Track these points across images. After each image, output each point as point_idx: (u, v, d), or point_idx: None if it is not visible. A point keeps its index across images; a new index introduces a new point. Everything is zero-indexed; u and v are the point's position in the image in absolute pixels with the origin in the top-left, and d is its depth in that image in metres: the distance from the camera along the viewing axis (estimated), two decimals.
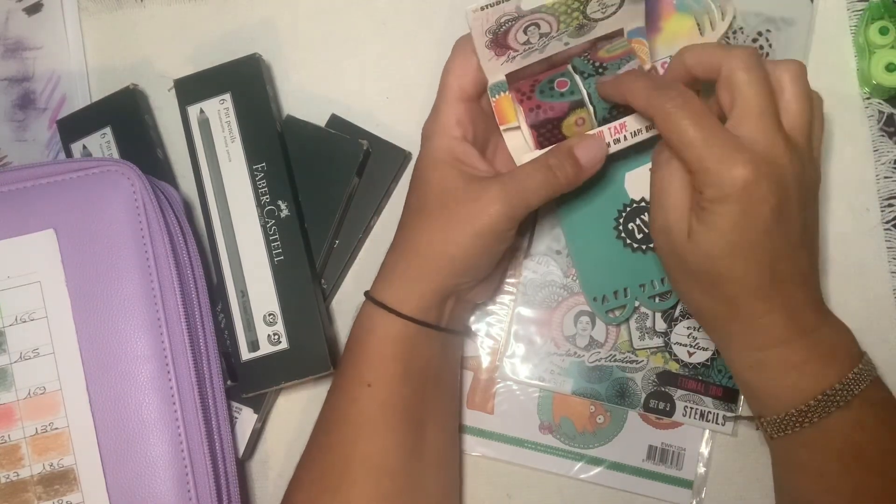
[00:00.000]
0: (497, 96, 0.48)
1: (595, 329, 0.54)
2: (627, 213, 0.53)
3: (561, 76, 0.47)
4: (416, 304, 0.47)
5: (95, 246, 0.48)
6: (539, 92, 0.47)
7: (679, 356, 0.54)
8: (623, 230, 0.53)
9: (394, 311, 0.47)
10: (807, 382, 0.43)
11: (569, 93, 0.47)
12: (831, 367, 0.43)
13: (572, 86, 0.47)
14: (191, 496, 0.47)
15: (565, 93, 0.47)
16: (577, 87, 0.46)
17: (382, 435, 0.47)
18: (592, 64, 0.47)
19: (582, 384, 0.54)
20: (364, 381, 0.47)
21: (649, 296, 0.53)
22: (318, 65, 0.58)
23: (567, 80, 0.47)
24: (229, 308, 0.52)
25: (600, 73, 0.46)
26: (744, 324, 0.43)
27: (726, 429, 0.53)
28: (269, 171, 0.53)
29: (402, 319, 0.47)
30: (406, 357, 0.47)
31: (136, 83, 0.56)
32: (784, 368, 0.43)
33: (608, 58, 0.47)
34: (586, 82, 0.46)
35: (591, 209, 0.54)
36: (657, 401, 0.54)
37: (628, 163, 0.53)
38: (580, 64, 0.47)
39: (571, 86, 0.47)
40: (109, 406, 0.47)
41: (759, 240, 0.41)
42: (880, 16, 0.53)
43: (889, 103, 0.55)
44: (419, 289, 0.47)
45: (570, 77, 0.47)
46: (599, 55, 0.47)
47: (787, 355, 0.43)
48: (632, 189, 0.54)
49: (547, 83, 0.47)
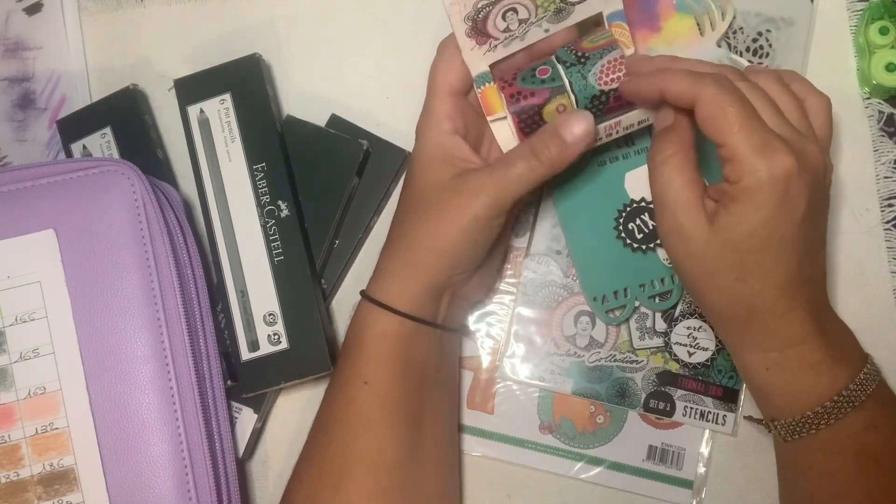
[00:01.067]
0: (482, 87, 0.48)
1: (595, 329, 0.54)
2: (627, 213, 0.53)
3: (543, 64, 0.47)
4: (411, 300, 0.47)
5: (95, 246, 0.48)
6: (521, 79, 0.47)
7: (679, 356, 0.54)
8: (623, 230, 0.53)
9: (389, 308, 0.47)
10: (823, 384, 0.43)
11: (550, 80, 0.47)
12: (845, 368, 0.43)
13: (553, 73, 0.47)
14: (191, 496, 0.47)
15: (546, 80, 0.47)
16: (558, 75, 0.47)
17: (380, 432, 0.47)
18: (575, 54, 0.47)
19: (582, 384, 0.54)
20: (361, 379, 0.47)
21: (649, 296, 0.53)
22: (318, 65, 0.58)
23: (549, 67, 0.47)
24: (229, 308, 0.52)
25: (582, 62, 0.46)
26: (763, 323, 0.42)
27: (726, 428, 0.53)
28: (269, 171, 0.53)
29: (398, 316, 0.47)
30: (403, 354, 0.47)
31: (136, 83, 0.56)
32: (800, 369, 0.43)
33: (591, 48, 0.47)
34: (568, 71, 0.46)
35: (591, 209, 0.54)
36: (657, 401, 0.53)
37: (628, 163, 0.53)
38: (563, 54, 0.47)
39: (553, 73, 0.47)
40: (109, 406, 0.47)
41: (792, 233, 0.40)
42: (880, 16, 0.53)
43: (889, 103, 0.55)
44: (413, 285, 0.47)
45: (552, 65, 0.47)
46: (582, 45, 0.47)
47: (805, 355, 0.42)
48: (632, 189, 0.54)
49: (529, 71, 0.47)
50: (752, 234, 0.40)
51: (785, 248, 0.40)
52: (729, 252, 0.41)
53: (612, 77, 0.46)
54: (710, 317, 0.45)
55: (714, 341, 0.54)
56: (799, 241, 0.41)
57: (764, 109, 0.41)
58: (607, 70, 0.46)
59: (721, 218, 0.41)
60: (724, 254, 0.41)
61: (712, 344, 0.54)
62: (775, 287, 0.41)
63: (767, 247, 0.40)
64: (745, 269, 0.41)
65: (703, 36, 0.54)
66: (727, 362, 0.53)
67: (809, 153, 0.41)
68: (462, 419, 0.55)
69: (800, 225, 0.40)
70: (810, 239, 0.41)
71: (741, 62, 0.54)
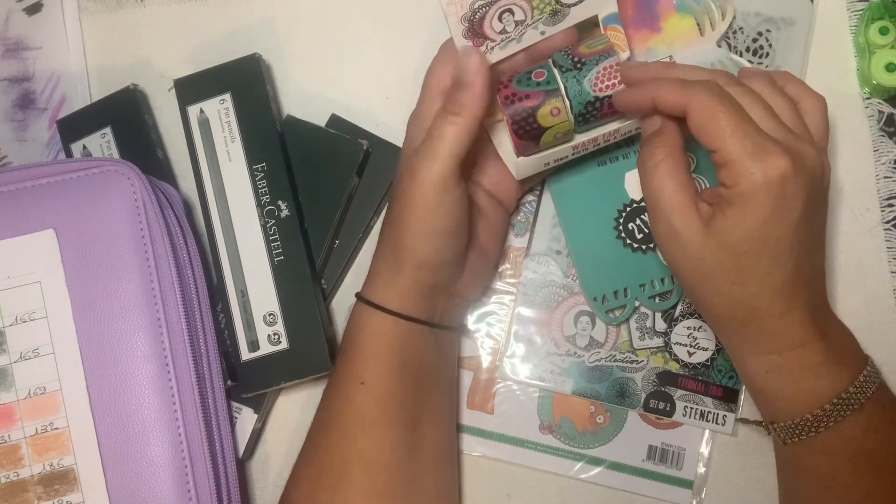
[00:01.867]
0: None
1: (595, 329, 0.54)
2: (627, 213, 0.53)
3: (539, 67, 0.48)
4: (403, 299, 0.47)
5: (95, 246, 0.48)
6: (517, 82, 0.47)
7: (679, 356, 0.54)
8: (623, 230, 0.53)
9: (381, 308, 0.47)
10: (823, 386, 0.42)
11: (545, 83, 0.47)
12: (845, 370, 0.43)
13: (549, 76, 0.47)
14: (191, 496, 0.47)
15: (541, 82, 0.47)
16: (553, 78, 0.47)
17: (378, 432, 0.47)
18: (572, 59, 0.47)
19: (582, 384, 0.54)
20: (358, 379, 0.47)
21: (649, 296, 0.53)
22: (318, 65, 0.58)
23: (545, 70, 0.47)
24: (229, 308, 0.52)
25: (578, 68, 0.46)
26: (761, 325, 0.42)
27: (726, 429, 0.53)
28: (269, 171, 0.53)
29: (391, 316, 0.47)
30: (398, 354, 0.48)
31: (136, 83, 0.56)
32: (800, 371, 0.43)
33: (588, 53, 0.47)
34: (564, 76, 0.47)
35: (591, 209, 0.54)
36: (657, 401, 0.53)
37: (628, 163, 0.53)
38: (559, 58, 0.47)
39: (548, 76, 0.47)
40: (109, 406, 0.47)
41: (788, 235, 0.40)
42: (880, 16, 0.53)
43: (889, 103, 0.55)
44: (399, 284, 0.47)
45: (547, 69, 0.47)
46: (579, 51, 0.47)
47: (804, 358, 0.42)
48: (632, 189, 0.54)
49: (525, 74, 0.48)
50: (748, 237, 0.40)
51: (782, 251, 0.40)
52: (725, 255, 0.41)
53: (608, 84, 0.46)
54: (709, 319, 0.45)
55: (714, 341, 0.54)
56: (796, 242, 0.40)
57: (757, 113, 0.41)
58: (602, 77, 0.46)
59: (717, 221, 0.41)
60: (720, 257, 0.41)
61: (712, 344, 0.54)
62: (773, 289, 0.41)
63: (764, 249, 0.40)
64: (742, 272, 0.41)
65: (703, 36, 0.54)
66: (727, 362, 0.53)
67: (805, 155, 0.40)
68: (462, 419, 0.55)
69: (796, 227, 0.40)
70: (808, 240, 0.41)
71: (741, 62, 0.54)
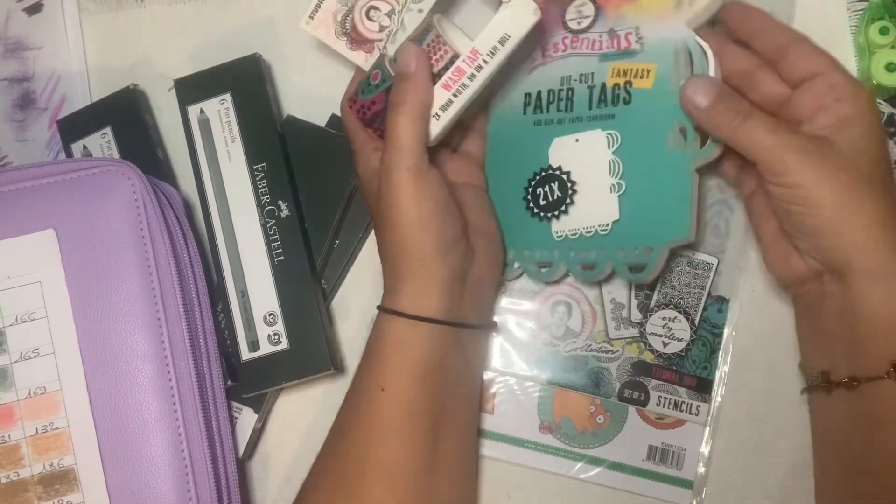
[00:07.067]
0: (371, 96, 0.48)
1: (571, 319, 0.54)
2: (541, 178, 0.51)
3: (375, 69, 0.48)
4: (417, 301, 0.47)
5: (95, 246, 0.48)
6: (360, 91, 0.47)
7: (654, 346, 0.54)
8: (531, 193, 0.52)
9: (397, 313, 0.47)
10: None
11: (382, 81, 0.47)
12: None
13: (384, 73, 0.47)
14: (191, 496, 0.47)
15: (379, 83, 0.47)
16: (388, 74, 0.47)
17: (398, 439, 0.46)
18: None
19: (558, 374, 0.54)
20: (378, 386, 0.47)
21: (530, 262, 0.52)
22: (318, 65, 0.58)
23: (379, 70, 0.47)
24: (229, 308, 0.52)
25: None
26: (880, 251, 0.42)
27: (700, 419, 0.53)
28: (269, 171, 0.53)
29: (410, 321, 0.47)
30: (419, 359, 0.47)
31: (136, 83, 0.56)
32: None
33: (414, 37, 0.47)
34: (393, 65, 0.47)
35: (512, 165, 0.52)
36: (631, 390, 0.53)
37: (562, 128, 0.51)
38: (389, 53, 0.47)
39: (383, 74, 0.47)
40: (109, 406, 0.47)
41: None
42: (880, 16, 0.53)
43: (889, 103, 0.55)
44: (414, 286, 0.47)
45: (381, 67, 0.47)
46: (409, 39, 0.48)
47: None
48: (554, 156, 0.51)
49: (365, 81, 0.48)
50: None
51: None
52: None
53: (436, 57, 0.46)
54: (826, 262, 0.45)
55: (689, 332, 0.53)
56: None
57: None
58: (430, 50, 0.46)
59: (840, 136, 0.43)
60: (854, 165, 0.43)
61: (687, 335, 0.54)
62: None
63: None
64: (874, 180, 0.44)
65: (678, 10, 0.49)
66: (701, 353, 0.53)
67: None
68: None
69: None
70: None
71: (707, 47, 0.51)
